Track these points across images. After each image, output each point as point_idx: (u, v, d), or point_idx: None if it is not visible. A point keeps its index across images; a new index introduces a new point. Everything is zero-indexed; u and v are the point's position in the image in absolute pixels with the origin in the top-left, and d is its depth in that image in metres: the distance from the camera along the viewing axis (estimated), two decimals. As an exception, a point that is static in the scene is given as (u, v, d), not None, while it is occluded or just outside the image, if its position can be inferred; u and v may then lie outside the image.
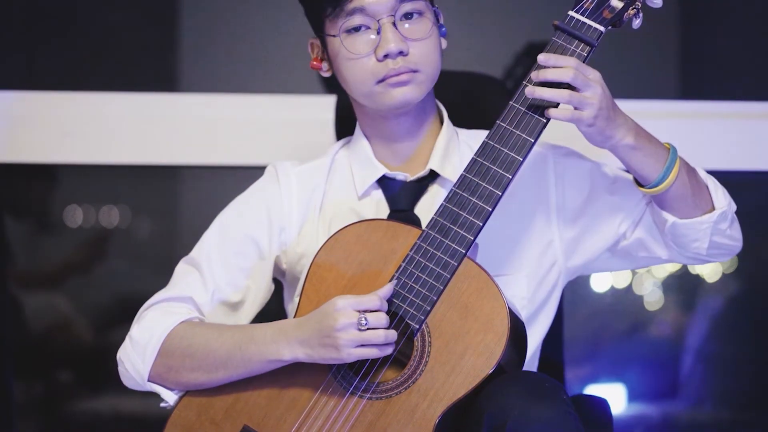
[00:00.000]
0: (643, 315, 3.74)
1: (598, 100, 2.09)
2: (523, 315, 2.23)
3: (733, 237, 2.28)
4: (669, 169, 2.18)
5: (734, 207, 2.28)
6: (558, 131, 2.29)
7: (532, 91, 2.10)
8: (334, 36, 2.25)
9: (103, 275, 3.59)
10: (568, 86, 2.10)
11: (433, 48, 2.24)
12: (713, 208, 2.24)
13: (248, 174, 2.52)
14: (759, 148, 3.25)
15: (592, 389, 3.64)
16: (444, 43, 2.30)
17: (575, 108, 2.10)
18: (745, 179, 3.40)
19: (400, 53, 2.21)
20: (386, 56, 2.21)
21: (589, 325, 3.65)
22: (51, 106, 3.23)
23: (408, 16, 2.22)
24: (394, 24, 2.21)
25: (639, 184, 2.22)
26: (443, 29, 2.30)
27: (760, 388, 3.67)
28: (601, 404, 2.53)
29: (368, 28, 2.22)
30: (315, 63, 2.33)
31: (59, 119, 3.22)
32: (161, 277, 2.34)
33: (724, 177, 2.75)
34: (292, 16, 3.52)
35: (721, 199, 2.25)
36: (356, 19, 2.22)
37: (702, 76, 3.65)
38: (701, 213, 2.23)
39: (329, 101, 2.87)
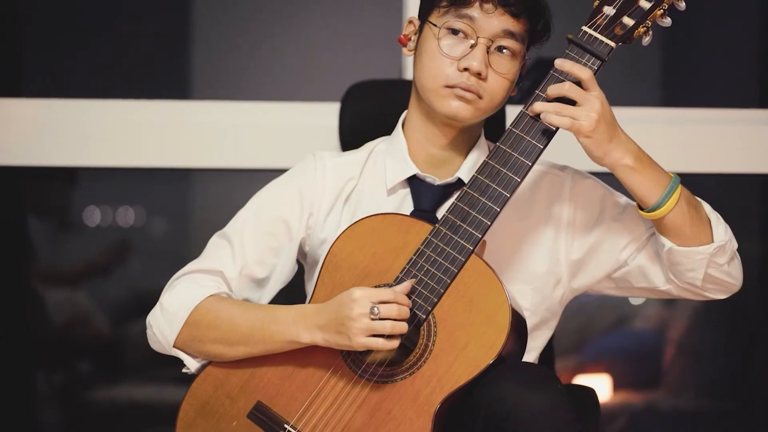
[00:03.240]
0: (627, 310, 3.73)
1: (597, 114, 2.09)
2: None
3: (730, 274, 2.24)
4: (668, 195, 2.15)
5: (735, 245, 2.24)
6: (570, 149, 2.28)
7: (532, 109, 2.12)
8: (435, 26, 2.23)
9: (120, 272, 3.59)
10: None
11: (505, 87, 2.23)
12: (712, 241, 2.20)
13: (256, 176, 2.53)
14: (737, 152, 3.25)
15: (581, 379, 3.64)
16: (514, 91, 2.29)
17: (575, 119, 2.10)
18: (724, 181, 3.40)
19: (479, 74, 2.19)
20: (466, 69, 2.19)
21: (578, 319, 3.65)
22: (71, 112, 3.23)
23: (503, 49, 2.21)
24: (488, 48, 2.20)
25: (640, 207, 2.20)
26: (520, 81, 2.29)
27: (737, 378, 3.67)
28: (588, 393, 2.53)
29: (465, 37, 2.20)
30: (403, 38, 2.30)
31: (79, 125, 3.21)
32: (174, 273, 2.33)
33: (704, 180, 2.76)
34: (298, 28, 3.53)
35: (722, 233, 2.21)
36: (461, 24, 2.20)
37: (683, 85, 3.65)
38: (699, 244, 2.19)
39: (333, 109, 2.87)
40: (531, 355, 2.33)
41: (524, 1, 2.20)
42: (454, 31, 2.21)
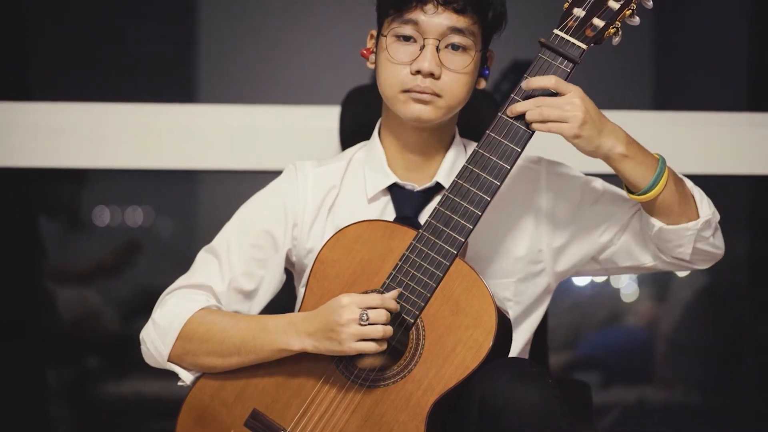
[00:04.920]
0: (620, 306, 3.73)
1: (582, 112, 2.08)
2: (510, 314, 2.21)
3: (715, 245, 2.24)
4: (658, 177, 2.14)
5: (718, 217, 2.23)
6: (553, 142, 2.26)
7: (511, 113, 2.10)
8: (384, 36, 2.22)
9: (128, 270, 3.59)
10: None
11: (463, 83, 2.20)
12: (698, 217, 2.19)
13: (260, 177, 2.51)
14: (726, 154, 3.24)
15: (574, 374, 3.64)
16: (482, 84, 2.27)
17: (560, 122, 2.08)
18: (712, 182, 3.38)
19: (431, 74, 2.18)
20: (418, 72, 2.18)
21: (571, 316, 3.64)
22: (81, 115, 3.22)
23: (454, 47, 2.19)
24: (437, 48, 2.18)
25: (630, 191, 2.18)
26: (487, 72, 2.27)
27: (726, 374, 3.66)
28: (582, 388, 2.52)
29: (415, 41, 2.19)
30: (364, 52, 2.29)
31: (88, 127, 3.21)
32: (181, 272, 2.32)
33: (694, 181, 2.74)
34: (301, 33, 3.52)
35: (706, 208, 2.20)
36: (407, 29, 2.19)
37: (674, 89, 3.64)
38: (687, 220, 2.18)
39: (334, 112, 2.86)
40: (519, 342, 2.31)
41: None
42: (405, 38, 2.19)
